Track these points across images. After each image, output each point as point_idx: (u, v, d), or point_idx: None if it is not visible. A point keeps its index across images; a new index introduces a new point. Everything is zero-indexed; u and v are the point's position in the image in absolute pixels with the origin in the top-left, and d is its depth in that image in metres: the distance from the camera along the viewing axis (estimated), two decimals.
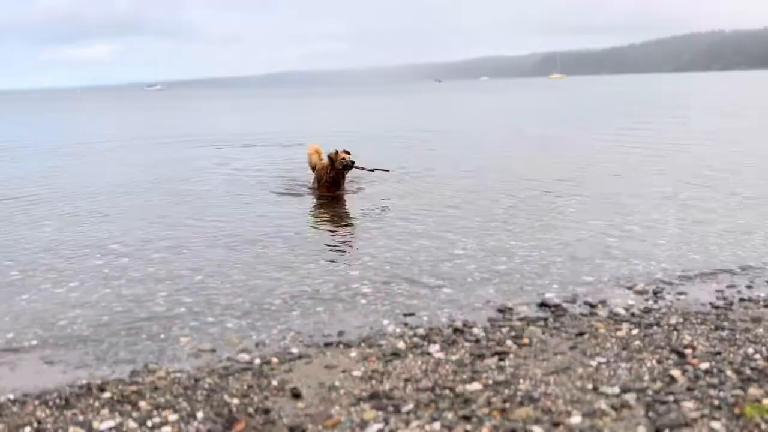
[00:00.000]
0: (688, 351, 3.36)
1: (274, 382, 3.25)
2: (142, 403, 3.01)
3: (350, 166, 8.74)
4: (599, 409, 2.71)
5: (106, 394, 3.14)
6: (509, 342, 3.70)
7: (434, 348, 3.68)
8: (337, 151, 8.85)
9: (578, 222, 7.15)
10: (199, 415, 2.88)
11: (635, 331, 3.79)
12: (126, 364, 3.74)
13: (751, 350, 3.34)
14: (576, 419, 2.64)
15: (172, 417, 2.87)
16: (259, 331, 4.24)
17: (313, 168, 9.61)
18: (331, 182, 8.93)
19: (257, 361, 3.62)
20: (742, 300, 4.47)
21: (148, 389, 3.20)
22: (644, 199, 8.38)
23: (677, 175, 10.41)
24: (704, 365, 3.14)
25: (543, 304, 4.55)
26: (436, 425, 2.64)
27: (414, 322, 4.35)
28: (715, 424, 2.50)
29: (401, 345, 3.76)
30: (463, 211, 7.76)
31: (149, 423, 2.81)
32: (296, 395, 3.06)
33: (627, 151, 14.12)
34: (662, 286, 4.86)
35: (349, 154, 8.85)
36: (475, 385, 3.05)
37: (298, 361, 3.59)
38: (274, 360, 3.61)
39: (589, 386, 2.98)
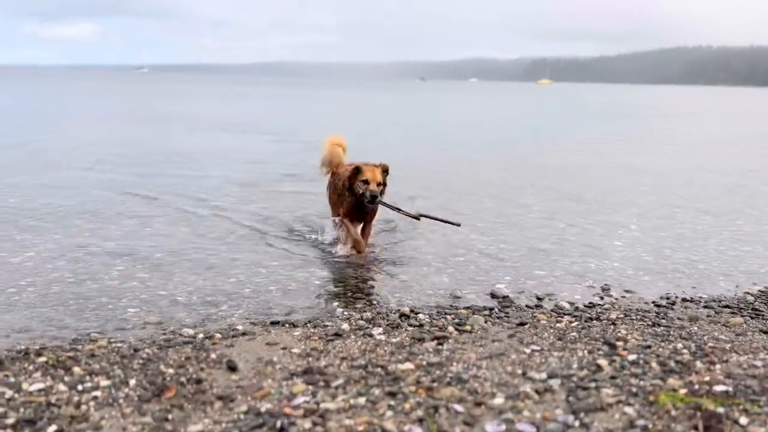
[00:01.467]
0: (620, 343, 3.45)
1: (213, 356, 3.27)
2: (76, 369, 3.02)
3: (372, 200, 5.38)
4: (523, 392, 2.78)
5: (42, 359, 3.14)
6: (451, 328, 3.76)
7: (377, 331, 3.73)
8: (361, 168, 5.47)
9: (540, 221, 7.25)
10: (132, 382, 2.90)
11: (575, 324, 3.87)
12: (69, 332, 3.75)
13: (680, 345, 3.44)
14: (499, 400, 2.70)
15: (104, 383, 2.88)
16: (208, 307, 4.27)
17: (330, 166, 6.21)
18: (351, 207, 5.61)
19: (200, 335, 3.64)
20: (684, 300, 4.59)
21: (85, 356, 3.20)
22: (609, 203, 8.53)
23: (647, 181, 10.59)
24: (632, 357, 3.22)
25: (492, 295, 4.63)
26: (361, 400, 2.69)
27: (363, 305, 4.41)
28: (628, 409, 2.58)
29: (345, 327, 3.80)
30: (429, 204, 7.82)
31: (80, 387, 2.82)
32: (232, 368, 3.09)
33: (602, 157, 14.32)
34: (611, 284, 4.97)
35: (386, 173, 5.60)
36: (408, 365, 3.10)
37: (242, 337, 3.61)
38: (217, 335, 3.63)
39: (519, 371, 3.05)
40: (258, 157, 12.42)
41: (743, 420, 2.49)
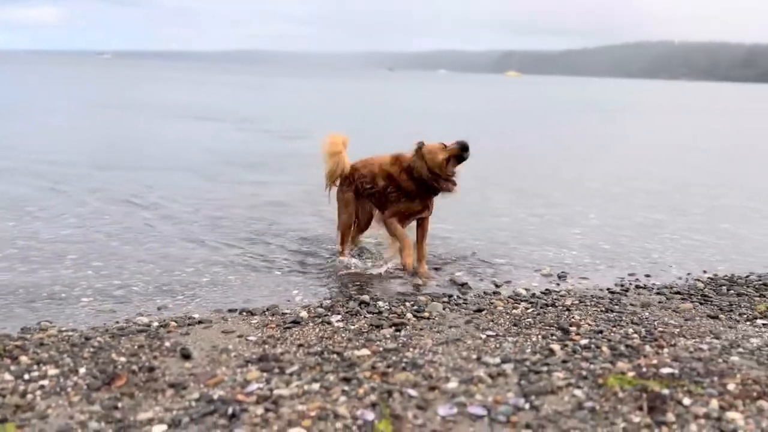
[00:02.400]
0: (573, 329, 3.51)
1: (167, 344, 3.22)
2: (23, 358, 2.95)
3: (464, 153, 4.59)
4: (477, 376, 2.81)
5: None
6: (409, 315, 3.78)
7: (336, 318, 3.72)
8: (419, 156, 4.61)
9: (503, 210, 7.33)
10: (81, 370, 2.84)
11: (530, 310, 3.93)
12: (18, 321, 3.65)
13: (631, 330, 3.53)
14: (452, 384, 2.73)
15: (53, 371, 2.82)
16: (164, 296, 4.20)
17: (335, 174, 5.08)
18: (402, 208, 4.78)
19: (155, 324, 3.58)
20: (637, 287, 4.69)
21: (33, 345, 3.12)
22: (572, 193, 8.68)
23: (610, 172, 10.80)
24: (584, 341, 3.29)
25: (452, 282, 4.67)
26: (315, 386, 2.69)
27: (323, 293, 4.40)
28: (577, 392, 2.64)
29: (304, 314, 3.79)
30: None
31: (26, 376, 2.75)
32: (186, 356, 3.05)
33: (568, 148, 14.54)
34: (567, 271, 5.05)
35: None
36: (364, 351, 3.11)
37: (198, 325, 3.57)
38: (173, 323, 3.57)
39: (474, 356, 3.08)
40: (221, 146, 12.26)
41: (686, 401, 2.57)
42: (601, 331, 3.49)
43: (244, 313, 3.86)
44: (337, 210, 5.18)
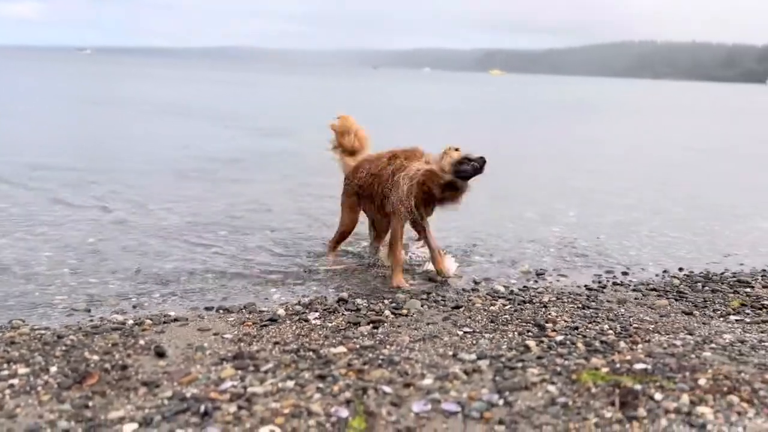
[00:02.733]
0: (549, 325, 3.54)
1: (142, 342, 3.19)
2: None
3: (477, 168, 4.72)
4: (452, 372, 2.82)
5: None
6: (387, 312, 3.78)
7: (313, 315, 3.71)
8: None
9: (482, 209, 7.31)
10: (53, 369, 2.80)
11: (508, 306, 3.95)
12: None
13: (606, 326, 3.55)
14: (428, 381, 2.73)
15: (23, 370, 2.78)
16: (140, 294, 4.16)
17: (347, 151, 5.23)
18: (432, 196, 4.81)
19: (130, 322, 3.54)
20: (615, 284, 4.73)
21: (4, 343, 3.08)
22: (551, 191, 8.72)
23: (593, 170, 10.88)
24: (559, 337, 3.31)
25: (430, 280, 4.67)
26: (290, 383, 2.68)
27: (302, 291, 4.38)
28: (551, 387, 2.65)
29: (281, 312, 3.77)
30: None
31: None
32: (160, 354, 3.02)
33: (553, 146, 14.63)
34: (546, 268, 5.08)
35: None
36: (340, 349, 3.10)
37: (173, 323, 3.54)
38: (148, 321, 3.54)
39: (450, 353, 3.09)
40: (204, 144, 12.16)
41: (658, 396, 2.59)
42: (576, 328, 3.51)
43: (221, 311, 3.84)
44: (340, 213, 5.11)
